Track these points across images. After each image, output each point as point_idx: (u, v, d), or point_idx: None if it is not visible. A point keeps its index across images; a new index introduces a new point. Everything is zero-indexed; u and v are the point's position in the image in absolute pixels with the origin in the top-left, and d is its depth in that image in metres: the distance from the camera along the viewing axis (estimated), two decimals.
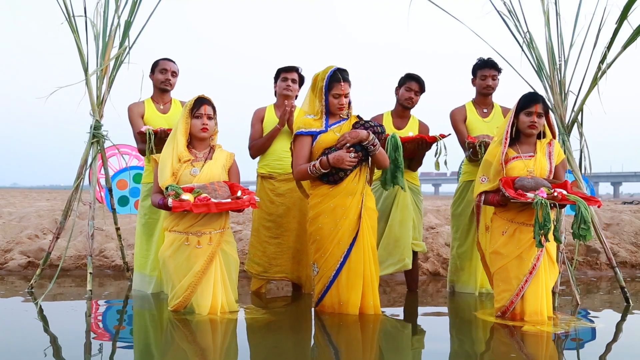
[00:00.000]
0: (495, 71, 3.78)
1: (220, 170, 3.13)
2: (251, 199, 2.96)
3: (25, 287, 3.92)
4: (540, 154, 3.08)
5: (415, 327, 3.19)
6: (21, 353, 2.40)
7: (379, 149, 3.11)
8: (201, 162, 3.12)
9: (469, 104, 3.88)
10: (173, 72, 3.79)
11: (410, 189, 3.84)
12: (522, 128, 3.09)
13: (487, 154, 3.15)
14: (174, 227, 3.04)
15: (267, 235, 3.75)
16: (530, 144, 3.12)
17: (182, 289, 2.99)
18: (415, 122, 3.94)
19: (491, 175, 3.06)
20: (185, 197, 2.87)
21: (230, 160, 3.22)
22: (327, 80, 3.10)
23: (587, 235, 2.82)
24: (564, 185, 2.97)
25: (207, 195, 2.91)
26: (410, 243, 3.78)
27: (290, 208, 3.75)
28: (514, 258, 2.97)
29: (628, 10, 3.43)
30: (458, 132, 3.82)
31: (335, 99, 3.12)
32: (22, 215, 6.92)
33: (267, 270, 3.77)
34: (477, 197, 3.14)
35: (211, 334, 2.79)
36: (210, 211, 2.89)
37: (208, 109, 3.13)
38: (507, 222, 3.03)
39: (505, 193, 2.87)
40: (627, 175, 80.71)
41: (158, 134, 3.51)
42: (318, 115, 3.17)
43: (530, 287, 2.93)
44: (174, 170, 3.06)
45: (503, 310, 3.00)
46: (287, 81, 3.77)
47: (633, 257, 5.37)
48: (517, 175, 3.01)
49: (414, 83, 3.82)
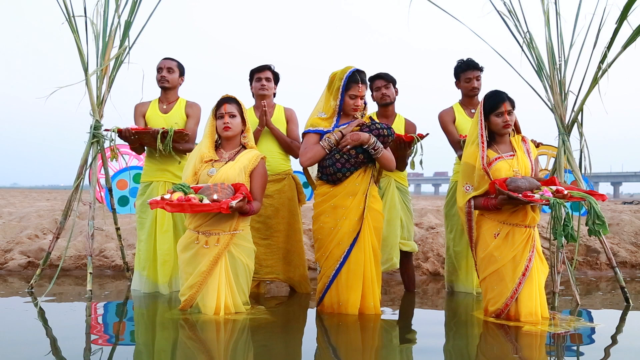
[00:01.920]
0: (478, 71, 3.79)
1: (238, 172, 3.08)
2: (223, 203, 2.83)
3: (25, 287, 3.92)
4: (520, 152, 3.06)
5: (410, 327, 3.19)
6: (21, 353, 2.39)
7: (381, 152, 3.10)
8: (222, 162, 3.13)
9: (456, 105, 3.89)
10: (168, 68, 3.78)
11: (398, 188, 3.85)
12: (496, 129, 3.05)
13: (465, 157, 3.08)
14: (189, 225, 3.08)
15: (257, 236, 3.74)
16: (506, 143, 3.10)
17: (187, 287, 3.01)
18: (402, 120, 3.93)
19: (476, 182, 2.99)
20: (168, 195, 2.89)
21: (254, 162, 3.15)
22: (346, 80, 3.10)
23: (603, 229, 2.81)
24: (552, 182, 2.96)
25: (193, 196, 2.89)
26: (397, 243, 3.78)
27: (278, 209, 3.75)
28: (508, 261, 2.93)
29: (628, 10, 3.43)
30: (448, 133, 3.81)
31: (351, 100, 3.12)
32: (22, 215, 6.92)
33: (258, 271, 3.75)
34: (466, 204, 3.04)
35: (214, 334, 2.78)
36: (185, 212, 2.88)
37: (229, 107, 3.14)
38: (499, 223, 2.98)
39: (514, 196, 2.80)
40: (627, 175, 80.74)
41: (123, 133, 3.56)
42: (329, 113, 3.17)
43: (524, 288, 2.91)
44: (196, 169, 3.12)
45: (497, 313, 2.97)
46: (261, 81, 3.77)
47: (633, 257, 5.37)
48: (504, 176, 2.96)
49: (377, 81, 3.84)
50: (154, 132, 3.56)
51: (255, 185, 3.13)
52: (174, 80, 3.80)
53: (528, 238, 2.95)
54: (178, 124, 3.73)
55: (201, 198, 2.89)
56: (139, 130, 3.56)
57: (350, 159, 3.08)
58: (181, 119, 3.77)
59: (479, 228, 3.07)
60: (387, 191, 3.79)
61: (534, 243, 2.94)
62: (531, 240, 2.95)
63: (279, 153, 3.80)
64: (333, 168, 3.08)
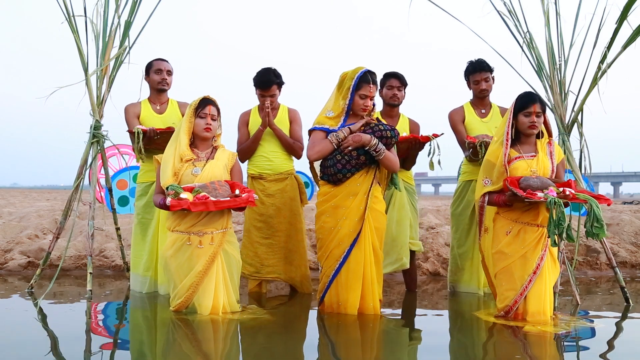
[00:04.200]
0: (486, 73, 3.77)
1: (222, 170, 3.13)
2: (250, 196, 2.95)
3: (25, 287, 3.92)
4: (542, 154, 3.08)
5: (413, 327, 3.19)
6: (21, 353, 2.39)
7: (384, 153, 3.09)
8: (203, 161, 3.13)
9: (467, 105, 3.89)
10: (168, 71, 3.78)
11: (405, 189, 3.84)
12: (522, 129, 3.08)
13: (488, 154, 3.14)
14: (176, 227, 3.04)
15: (258, 235, 3.75)
16: (531, 144, 3.12)
17: (183, 289, 2.99)
18: (406, 120, 3.94)
19: (494, 177, 3.04)
20: (184, 195, 2.88)
21: (232, 160, 3.22)
22: (357, 80, 3.10)
23: (601, 233, 2.83)
24: (569, 184, 2.97)
25: (206, 194, 2.91)
26: (407, 242, 3.78)
27: (280, 209, 3.75)
28: (518, 258, 2.97)
29: (628, 10, 3.43)
30: (457, 133, 3.82)
31: (361, 100, 3.12)
32: (22, 215, 6.92)
33: (259, 270, 3.76)
34: (480, 198, 3.11)
35: (212, 334, 2.79)
36: (209, 209, 2.89)
37: (212, 109, 3.15)
38: (512, 222, 3.02)
39: (517, 193, 2.85)
40: (627, 175, 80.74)
41: (147, 134, 3.51)
42: (337, 112, 3.18)
43: (533, 287, 2.93)
44: (176, 170, 3.06)
45: (506, 310, 2.99)
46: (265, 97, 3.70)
47: (633, 257, 5.37)
48: (521, 175, 3.00)
49: (393, 80, 3.83)
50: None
51: (236, 181, 3.18)
52: (171, 83, 3.82)
53: (540, 237, 2.96)
54: (176, 124, 3.72)
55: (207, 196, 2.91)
56: (163, 130, 3.52)
57: (351, 160, 3.08)
58: (178, 119, 3.77)
59: (494, 226, 3.11)
60: (395, 191, 3.77)
61: (546, 243, 2.95)
62: (543, 239, 2.96)
63: (282, 153, 3.80)
64: (334, 169, 3.08)
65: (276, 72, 3.74)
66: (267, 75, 3.71)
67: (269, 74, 3.72)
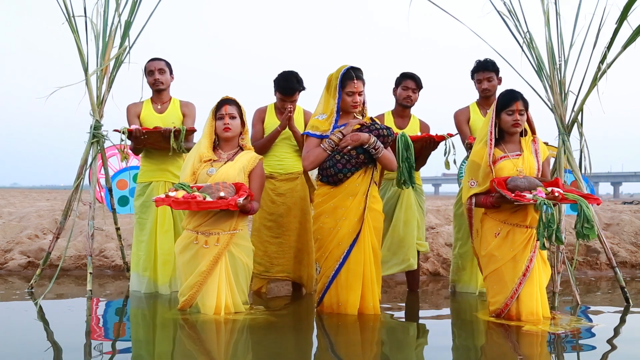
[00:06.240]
0: (489, 73, 3.78)
1: (238, 172, 3.10)
2: (231, 200, 2.86)
3: (25, 287, 3.92)
4: (527, 152, 3.06)
5: (417, 327, 3.19)
6: (21, 353, 2.39)
7: (382, 152, 3.10)
8: (221, 162, 3.14)
9: (473, 105, 3.90)
10: (159, 70, 3.75)
11: (413, 189, 3.84)
12: (506, 127, 3.06)
13: (473, 155, 3.11)
14: (187, 225, 3.08)
15: (268, 234, 3.76)
16: (515, 143, 3.10)
17: (187, 287, 3.01)
18: (416, 121, 3.95)
19: (480, 179, 3.01)
20: (173, 194, 2.90)
21: (253, 162, 3.18)
22: (341, 78, 3.11)
23: (591, 234, 2.80)
24: (556, 183, 2.95)
25: (196, 194, 2.90)
26: (414, 243, 3.78)
27: (291, 208, 3.76)
28: (508, 260, 2.94)
29: (628, 10, 3.42)
30: (461, 133, 3.84)
31: (349, 97, 3.12)
32: (22, 215, 6.92)
33: (269, 269, 3.77)
34: (467, 200, 3.08)
35: (213, 334, 2.78)
36: (191, 209, 2.90)
37: (229, 108, 3.16)
38: (500, 223, 2.99)
39: (505, 195, 2.82)
40: (627, 175, 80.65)
41: (133, 133, 3.52)
42: (328, 113, 3.18)
43: (524, 288, 2.90)
44: (194, 169, 3.13)
45: (497, 313, 2.97)
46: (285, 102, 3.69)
47: (633, 257, 5.37)
48: (507, 175, 2.97)
49: (409, 81, 3.83)
50: (166, 132, 3.53)
51: (254, 185, 3.15)
52: (166, 81, 3.79)
53: (529, 238, 2.94)
54: (175, 124, 3.71)
55: (204, 196, 2.90)
56: (149, 130, 3.53)
57: (351, 160, 3.08)
58: (178, 119, 3.77)
59: (482, 227, 3.08)
60: (403, 191, 3.76)
61: (535, 244, 2.94)
62: (532, 240, 2.94)
63: (293, 153, 3.81)
64: (334, 169, 3.08)
65: (298, 77, 3.72)
66: (291, 82, 3.68)
67: (292, 80, 3.68)
